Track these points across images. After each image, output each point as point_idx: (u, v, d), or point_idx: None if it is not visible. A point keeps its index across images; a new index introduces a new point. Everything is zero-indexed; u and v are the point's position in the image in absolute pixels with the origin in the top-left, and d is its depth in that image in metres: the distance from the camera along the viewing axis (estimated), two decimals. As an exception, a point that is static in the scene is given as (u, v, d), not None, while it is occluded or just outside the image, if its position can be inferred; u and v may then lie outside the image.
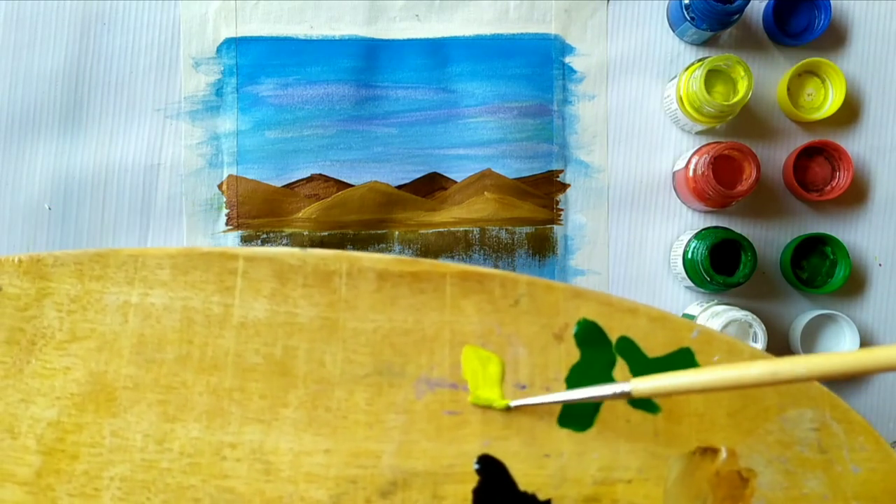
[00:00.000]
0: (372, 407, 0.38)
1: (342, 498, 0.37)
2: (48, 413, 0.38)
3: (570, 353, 0.39)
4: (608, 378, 0.39)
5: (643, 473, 0.37)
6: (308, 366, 0.38)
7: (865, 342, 0.60)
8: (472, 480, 0.37)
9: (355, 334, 0.39)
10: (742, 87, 0.54)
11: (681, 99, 0.56)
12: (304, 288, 0.39)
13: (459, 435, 0.38)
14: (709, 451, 0.38)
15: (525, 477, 0.37)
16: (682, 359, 0.38)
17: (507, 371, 0.38)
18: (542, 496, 0.37)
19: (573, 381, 0.38)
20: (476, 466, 0.38)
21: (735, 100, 0.54)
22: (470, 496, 0.37)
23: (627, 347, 0.39)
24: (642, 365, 0.38)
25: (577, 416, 0.38)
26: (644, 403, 0.38)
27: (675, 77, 0.57)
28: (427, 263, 0.39)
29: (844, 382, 0.60)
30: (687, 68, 0.56)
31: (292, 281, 0.39)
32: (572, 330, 0.39)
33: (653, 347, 0.39)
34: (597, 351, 0.39)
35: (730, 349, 0.39)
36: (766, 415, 0.38)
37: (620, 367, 0.38)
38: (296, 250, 0.39)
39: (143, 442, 0.38)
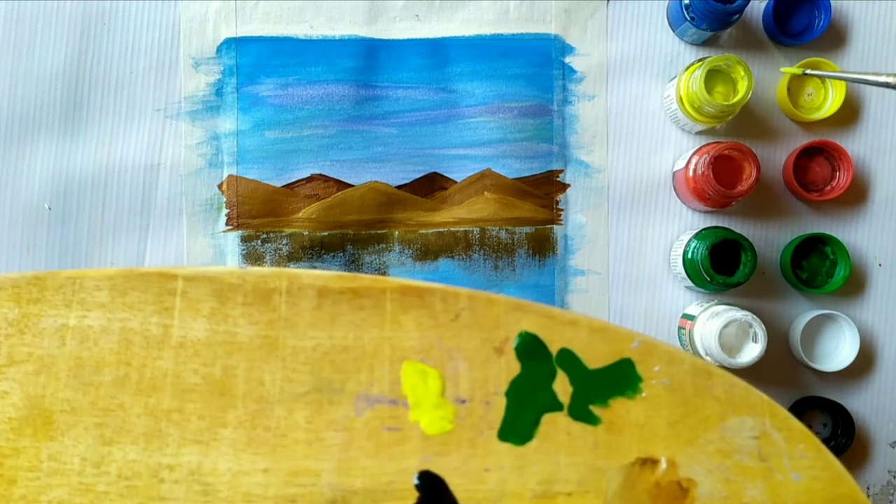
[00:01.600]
0: (311, 425, 0.38)
1: None
2: None
3: (511, 367, 0.39)
4: (548, 390, 0.39)
5: (583, 486, 0.38)
6: (247, 385, 0.38)
7: (865, 342, 0.60)
8: (412, 497, 0.37)
9: (295, 352, 0.38)
10: (742, 87, 0.54)
11: (681, 99, 0.56)
12: (244, 307, 0.39)
13: (399, 451, 0.38)
14: (648, 462, 0.38)
15: (465, 492, 0.37)
16: (623, 370, 0.39)
17: (448, 385, 0.38)
18: None
19: (513, 394, 0.38)
20: (416, 482, 0.38)
21: (735, 100, 0.54)
22: None
23: (568, 359, 0.39)
24: (582, 376, 0.38)
25: (517, 430, 0.38)
26: (584, 415, 0.38)
27: (675, 77, 0.57)
28: (367, 279, 0.39)
29: (844, 382, 0.60)
30: (687, 68, 0.56)
31: (232, 300, 0.39)
32: (513, 343, 0.39)
33: (593, 359, 0.39)
34: (537, 364, 0.39)
35: (670, 359, 0.39)
36: (707, 424, 0.38)
37: (561, 379, 0.39)
38: (235, 269, 0.39)
39: (81, 465, 0.37)
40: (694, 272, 0.56)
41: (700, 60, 0.55)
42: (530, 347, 0.39)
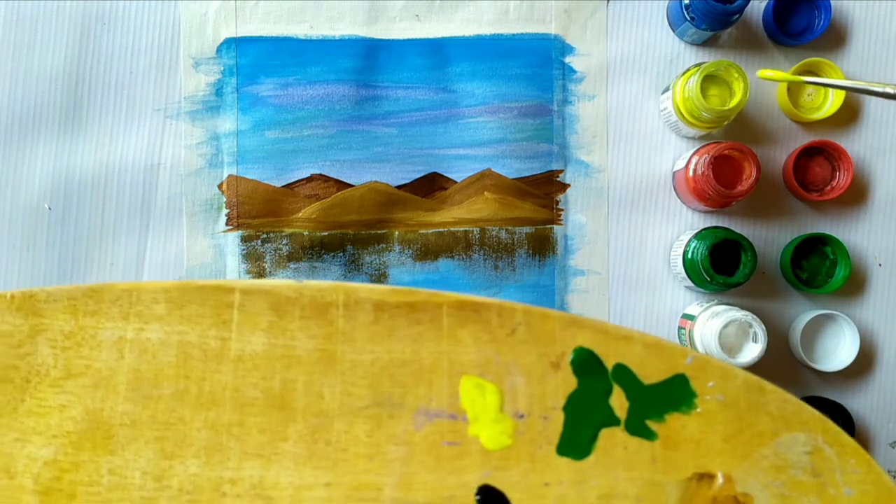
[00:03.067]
0: (372, 439, 0.38)
1: None
2: (44, 452, 0.37)
3: (568, 382, 0.39)
4: (605, 405, 0.39)
5: (642, 501, 0.38)
6: (307, 399, 0.38)
7: (865, 342, 0.60)
8: None
9: (353, 366, 0.38)
10: (738, 88, 0.54)
11: (678, 108, 0.56)
12: (302, 320, 0.39)
13: (459, 465, 0.38)
14: (705, 477, 0.38)
15: None
16: (677, 385, 0.39)
17: (506, 400, 0.38)
18: None
19: (570, 409, 0.38)
20: (477, 497, 0.38)
21: (733, 103, 0.54)
22: None
23: (623, 375, 0.39)
24: (638, 392, 0.39)
25: (576, 445, 0.38)
26: (641, 430, 0.39)
27: (668, 90, 0.57)
28: (424, 293, 0.39)
29: (844, 382, 0.60)
30: (681, 75, 0.56)
31: (289, 313, 0.39)
32: (569, 358, 0.39)
33: (648, 374, 0.39)
34: (593, 379, 0.39)
35: (723, 375, 0.39)
36: (761, 440, 0.38)
37: (617, 394, 0.39)
38: (292, 282, 0.39)
39: (142, 479, 0.37)
40: (694, 272, 0.56)
41: (692, 68, 0.55)
42: (586, 362, 0.39)
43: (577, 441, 0.38)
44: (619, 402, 0.39)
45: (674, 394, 0.39)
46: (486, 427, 0.38)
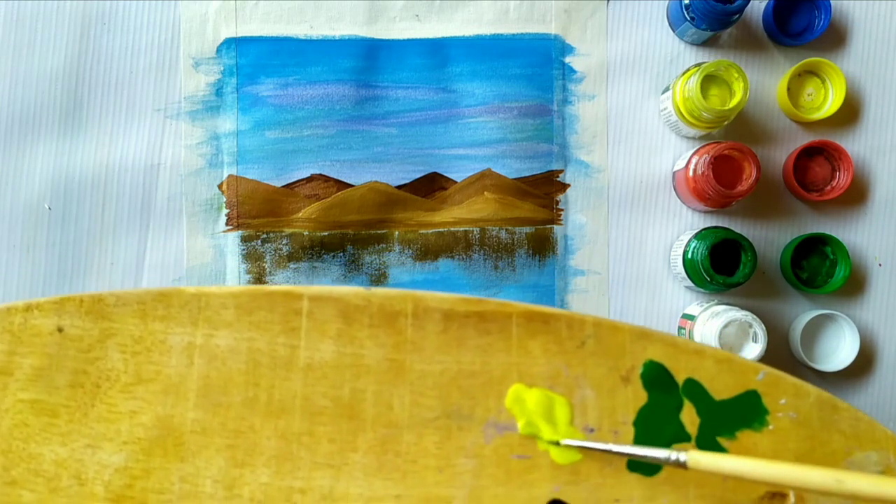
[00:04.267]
0: (441, 451, 0.38)
1: None
2: (115, 458, 0.37)
3: (638, 396, 0.38)
4: (676, 421, 0.38)
5: None
6: (376, 409, 0.38)
7: (865, 342, 0.60)
8: None
9: (422, 377, 0.38)
10: (738, 87, 0.54)
11: (678, 108, 0.56)
12: (370, 328, 0.38)
13: (529, 479, 0.37)
14: (777, 496, 0.38)
15: None
16: (749, 402, 0.38)
17: (576, 414, 0.38)
18: None
19: (641, 424, 0.38)
20: None
21: (733, 103, 0.54)
22: None
23: (694, 390, 0.38)
24: (709, 408, 0.38)
25: (647, 461, 0.38)
26: (712, 447, 0.38)
27: (668, 90, 0.57)
28: (493, 303, 0.38)
29: (844, 382, 0.60)
30: (681, 75, 0.56)
31: (358, 321, 0.38)
32: (639, 372, 0.38)
33: (719, 390, 0.38)
34: (664, 394, 0.38)
35: (796, 392, 0.39)
36: (833, 458, 0.38)
37: (688, 409, 0.38)
38: (360, 289, 0.38)
39: (213, 488, 0.37)
40: (694, 272, 0.56)
41: (691, 69, 0.55)
42: (656, 377, 0.38)
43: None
44: (689, 417, 0.38)
45: (745, 410, 0.38)
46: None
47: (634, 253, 0.60)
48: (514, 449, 0.38)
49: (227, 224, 0.58)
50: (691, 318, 0.57)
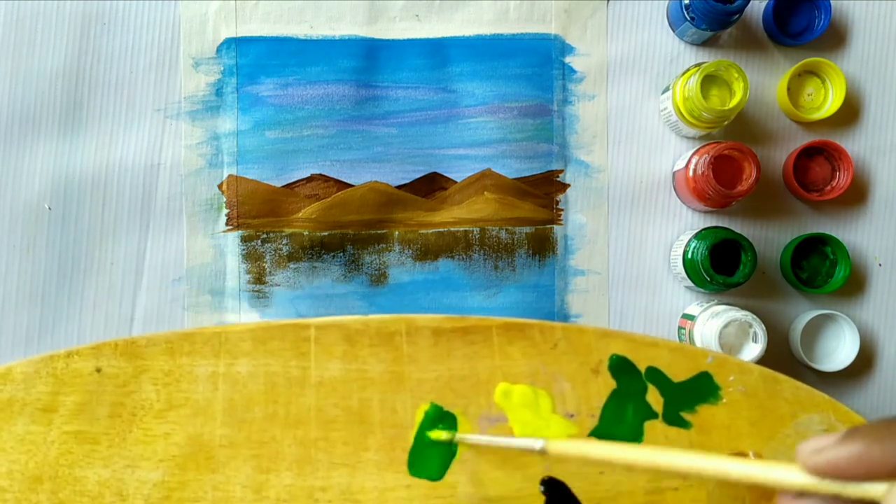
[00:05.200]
0: None
1: None
2: (153, 475, 0.42)
3: (608, 384, 0.44)
4: (643, 403, 0.44)
5: (687, 481, 0.43)
6: (382, 414, 0.43)
7: (865, 342, 0.60)
8: (540, 500, 0.42)
9: (420, 383, 0.44)
10: (738, 87, 0.54)
11: (678, 109, 0.56)
12: (371, 347, 0.44)
13: (523, 462, 0.43)
14: (739, 456, 0.43)
15: (584, 493, 0.43)
16: (703, 381, 0.45)
17: (557, 403, 0.44)
18: None
19: (613, 407, 0.44)
20: (541, 488, 0.43)
21: (733, 103, 0.54)
22: None
23: (655, 375, 0.44)
24: (670, 389, 0.44)
25: (623, 437, 0.44)
26: (678, 421, 0.44)
27: (668, 89, 0.57)
28: (473, 319, 0.44)
29: (844, 382, 0.60)
30: (681, 75, 0.56)
31: (359, 342, 0.44)
32: (606, 364, 0.44)
33: (676, 373, 0.45)
34: (630, 380, 0.44)
35: (741, 369, 0.45)
36: (782, 422, 0.44)
37: (652, 391, 0.44)
38: (359, 317, 0.44)
39: (243, 493, 0.42)
40: (694, 272, 0.56)
41: (693, 68, 0.55)
42: (622, 367, 0.44)
43: (624, 437, 0.44)
44: (654, 398, 0.44)
45: (701, 388, 0.44)
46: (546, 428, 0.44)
47: (634, 253, 0.60)
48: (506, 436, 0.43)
49: (227, 224, 0.58)
50: (691, 318, 0.57)
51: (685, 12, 0.56)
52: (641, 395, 0.44)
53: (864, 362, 0.60)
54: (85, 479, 0.41)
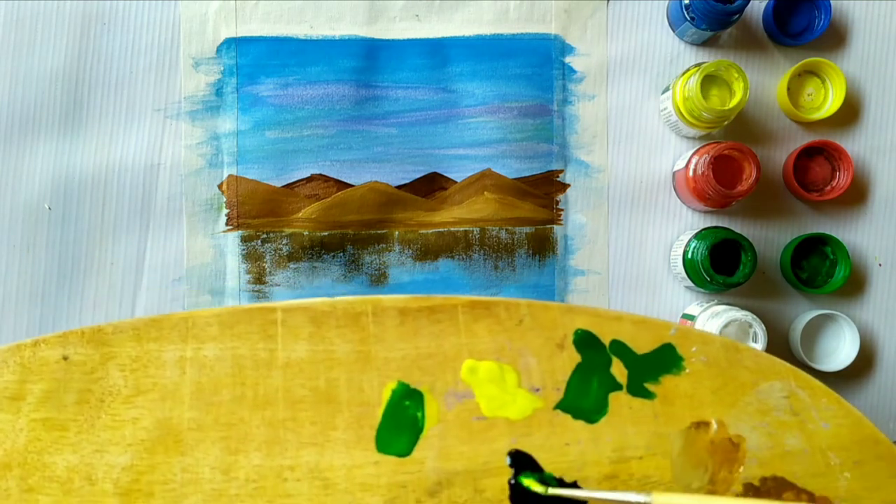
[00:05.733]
0: None
1: (395, 501, 0.42)
2: (121, 459, 0.42)
3: (573, 358, 0.45)
4: (608, 375, 0.45)
5: (651, 450, 0.44)
6: (349, 393, 0.43)
7: (865, 342, 0.60)
8: (507, 473, 0.43)
9: (387, 362, 0.44)
10: (738, 87, 0.54)
11: (678, 108, 0.56)
12: (338, 328, 0.44)
13: (489, 436, 0.43)
14: (702, 425, 0.44)
15: (551, 464, 0.43)
16: (666, 352, 0.45)
17: (522, 378, 0.44)
18: (568, 479, 0.43)
19: (578, 380, 0.44)
20: (508, 460, 0.43)
21: (733, 103, 0.54)
22: (507, 486, 0.43)
23: (619, 348, 0.45)
24: (634, 361, 0.45)
25: (588, 408, 0.45)
26: (642, 392, 0.44)
27: (668, 89, 0.57)
28: (439, 298, 0.45)
29: (844, 382, 0.60)
30: (681, 75, 0.56)
31: (326, 324, 0.44)
32: (571, 339, 0.45)
33: (640, 346, 0.45)
34: (594, 353, 0.45)
35: (703, 340, 0.46)
36: (744, 389, 0.45)
37: (616, 364, 0.45)
38: (326, 299, 0.44)
39: (211, 474, 0.42)
40: (694, 272, 0.56)
41: (693, 68, 0.55)
42: (586, 341, 0.45)
43: (588, 406, 0.44)
44: (619, 370, 0.45)
45: (664, 359, 0.45)
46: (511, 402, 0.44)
47: (634, 253, 0.60)
48: (473, 412, 0.44)
49: (227, 224, 0.58)
50: (691, 318, 0.57)
51: (685, 12, 0.56)
52: (606, 368, 0.45)
53: (864, 362, 0.60)
54: (54, 465, 0.42)
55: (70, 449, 0.42)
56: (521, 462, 0.43)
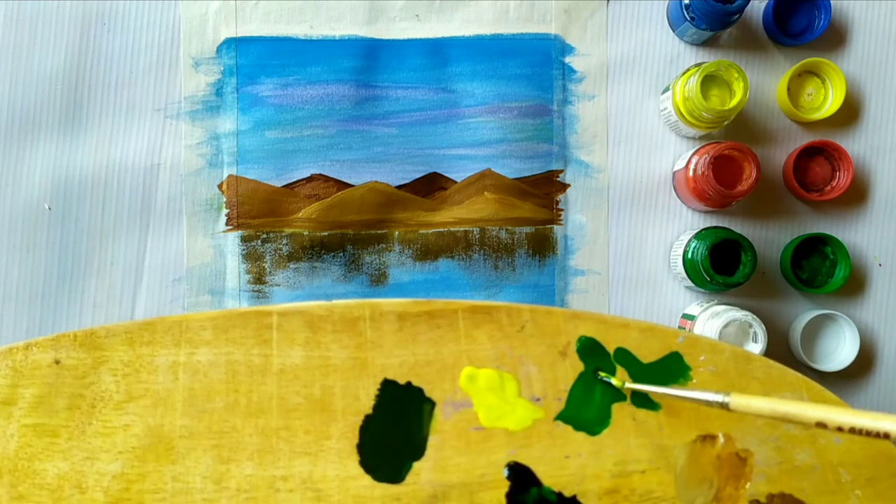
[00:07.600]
0: None
1: None
2: (112, 467, 0.41)
3: (575, 366, 0.43)
4: (610, 386, 0.43)
5: (654, 463, 0.42)
6: (345, 401, 0.42)
7: (865, 342, 0.60)
8: (505, 486, 0.41)
9: (384, 369, 0.43)
10: (738, 87, 0.54)
11: (678, 109, 0.56)
12: (334, 334, 0.43)
13: (487, 447, 0.42)
14: (708, 438, 0.42)
15: (550, 478, 0.42)
16: (673, 361, 0.43)
17: (523, 387, 0.43)
18: (567, 493, 0.41)
19: (580, 389, 0.43)
20: (506, 473, 0.42)
21: (733, 103, 0.54)
22: (504, 500, 0.41)
23: (624, 356, 0.43)
24: (639, 370, 0.43)
25: (590, 420, 0.43)
26: (646, 403, 0.43)
27: (668, 89, 0.57)
28: (440, 302, 0.43)
29: (844, 382, 0.60)
30: (681, 75, 0.56)
31: (322, 329, 0.43)
32: (574, 346, 0.43)
33: (646, 354, 0.43)
34: (598, 362, 0.43)
35: (712, 349, 0.44)
36: None
37: (621, 373, 0.43)
38: (322, 302, 0.43)
39: (203, 483, 0.41)
40: (694, 272, 0.56)
41: (693, 68, 0.55)
42: (590, 349, 0.43)
43: (590, 417, 0.43)
44: (623, 379, 0.43)
45: (671, 369, 0.43)
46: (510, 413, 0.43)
47: (634, 253, 0.60)
48: (471, 422, 0.42)
49: (227, 224, 0.58)
50: (691, 318, 0.57)
51: (685, 12, 0.56)
52: (609, 377, 0.43)
53: (864, 362, 0.60)
54: (44, 472, 0.41)
55: (61, 456, 0.41)
56: (520, 475, 0.42)
